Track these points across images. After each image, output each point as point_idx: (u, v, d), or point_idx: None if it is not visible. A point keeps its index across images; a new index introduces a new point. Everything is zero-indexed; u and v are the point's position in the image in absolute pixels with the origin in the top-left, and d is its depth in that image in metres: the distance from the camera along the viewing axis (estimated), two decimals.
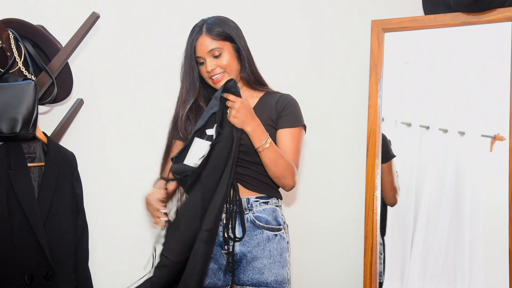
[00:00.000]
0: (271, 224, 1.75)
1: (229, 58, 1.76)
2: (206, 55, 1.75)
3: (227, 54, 1.76)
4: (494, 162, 2.22)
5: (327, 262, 2.50)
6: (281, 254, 1.74)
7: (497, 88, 2.21)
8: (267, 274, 1.71)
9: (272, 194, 1.79)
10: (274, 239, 1.74)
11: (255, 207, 1.75)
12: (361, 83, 2.45)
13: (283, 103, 1.80)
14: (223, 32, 1.76)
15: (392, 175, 2.35)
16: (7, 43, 1.94)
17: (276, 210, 1.79)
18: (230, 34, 1.77)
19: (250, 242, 1.73)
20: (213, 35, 1.74)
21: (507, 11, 2.17)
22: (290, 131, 1.77)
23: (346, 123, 2.50)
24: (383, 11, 2.43)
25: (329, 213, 2.50)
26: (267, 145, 1.65)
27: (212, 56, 1.75)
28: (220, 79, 1.77)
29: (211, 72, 1.76)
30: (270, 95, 1.85)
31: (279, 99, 1.81)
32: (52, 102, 2.04)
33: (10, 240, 1.81)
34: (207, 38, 1.74)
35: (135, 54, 2.36)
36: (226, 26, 1.78)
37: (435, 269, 2.29)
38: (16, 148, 1.89)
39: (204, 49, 1.75)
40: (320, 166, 2.51)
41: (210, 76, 1.77)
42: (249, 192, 1.76)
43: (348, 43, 2.51)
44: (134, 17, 2.37)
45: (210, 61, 1.75)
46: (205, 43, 1.74)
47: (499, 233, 2.14)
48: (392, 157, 2.35)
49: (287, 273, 1.75)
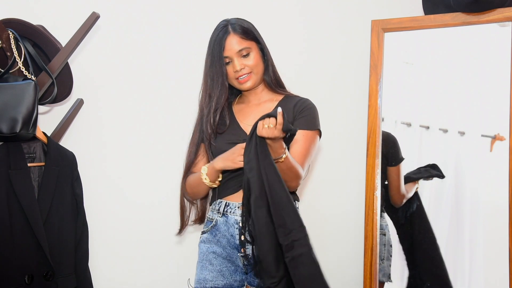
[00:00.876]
0: None
1: (256, 58, 1.77)
2: (234, 54, 1.75)
3: (254, 54, 1.76)
4: (494, 162, 2.22)
5: (327, 262, 2.49)
6: None
7: (497, 88, 2.21)
8: None
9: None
10: None
11: None
12: (361, 83, 2.45)
13: (301, 106, 1.79)
14: (250, 32, 1.77)
15: (399, 180, 2.33)
16: (7, 43, 1.94)
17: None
18: (255, 35, 1.78)
19: None
20: (242, 35, 1.74)
21: (507, 11, 2.17)
22: (304, 132, 1.75)
23: (346, 123, 2.50)
24: (383, 11, 2.43)
25: (329, 213, 2.50)
26: (281, 160, 1.62)
27: (241, 56, 1.75)
28: (247, 80, 1.78)
29: (239, 71, 1.75)
30: (289, 98, 1.84)
31: (298, 103, 1.80)
32: (52, 102, 2.04)
33: (10, 240, 1.81)
34: (236, 38, 1.74)
35: (135, 54, 2.36)
36: (251, 27, 1.80)
37: None
38: (16, 148, 1.88)
39: (234, 48, 1.74)
40: (320, 166, 2.51)
41: (236, 77, 1.77)
42: None
43: (348, 43, 2.51)
44: (134, 17, 2.37)
45: (238, 61, 1.75)
46: (234, 43, 1.74)
47: (499, 233, 2.13)
48: (401, 161, 2.34)
49: None
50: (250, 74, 1.78)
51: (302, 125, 1.75)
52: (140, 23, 2.38)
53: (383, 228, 2.31)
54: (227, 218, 1.78)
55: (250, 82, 1.79)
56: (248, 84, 1.79)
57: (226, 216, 1.78)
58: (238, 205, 1.77)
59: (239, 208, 1.76)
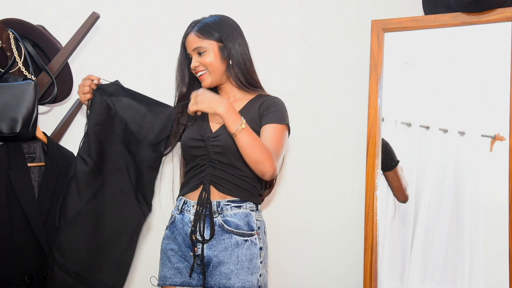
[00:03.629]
0: (242, 229, 1.72)
1: (212, 57, 1.78)
2: (192, 52, 1.80)
3: (211, 54, 1.78)
4: (494, 162, 2.22)
5: (327, 262, 2.50)
6: (251, 260, 1.71)
7: (497, 88, 2.21)
8: (234, 280, 1.68)
9: (247, 198, 1.76)
10: (243, 244, 1.71)
11: (225, 210, 1.73)
12: (361, 83, 2.45)
13: (268, 103, 1.79)
14: (211, 32, 1.78)
15: (399, 180, 2.33)
16: (7, 43, 1.94)
17: (250, 214, 1.75)
18: (219, 34, 1.79)
19: (217, 246, 1.72)
20: (200, 34, 1.78)
21: (507, 11, 2.17)
22: (273, 126, 1.74)
23: (346, 124, 2.50)
24: (383, 11, 2.43)
25: (329, 213, 2.50)
26: (243, 126, 1.61)
27: (197, 54, 1.79)
28: (203, 77, 1.81)
29: (194, 68, 1.81)
30: (260, 97, 1.83)
31: (265, 101, 1.80)
32: (52, 102, 2.04)
33: (10, 240, 1.81)
34: (194, 36, 1.80)
35: (135, 54, 2.36)
36: (219, 26, 1.80)
37: (435, 269, 2.29)
38: (16, 148, 1.89)
39: (190, 46, 1.81)
40: (320, 166, 2.51)
41: (195, 72, 1.82)
42: (220, 195, 1.75)
43: (348, 43, 2.51)
44: (134, 17, 2.37)
45: (195, 58, 1.80)
46: (192, 41, 1.80)
47: (499, 233, 2.13)
48: (397, 164, 2.34)
49: (258, 280, 1.72)
50: (206, 72, 1.81)
51: (270, 119, 1.75)
52: (140, 23, 2.38)
53: None
54: (183, 216, 1.79)
55: (207, 80, 1.81)
56: (206, 81, 1.82)
57: (183, 214, 1.80)
58: (193, 204, 1.77)
59: (194, 207, 1.76)
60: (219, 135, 1.76)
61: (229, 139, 1.68)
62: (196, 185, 1.78)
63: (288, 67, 2.52)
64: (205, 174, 1.76)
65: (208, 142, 1.77)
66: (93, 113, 1.76)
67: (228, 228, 1.72)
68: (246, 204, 1.76)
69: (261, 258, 1.74)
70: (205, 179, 1.76)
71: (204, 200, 1.73)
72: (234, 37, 1.81)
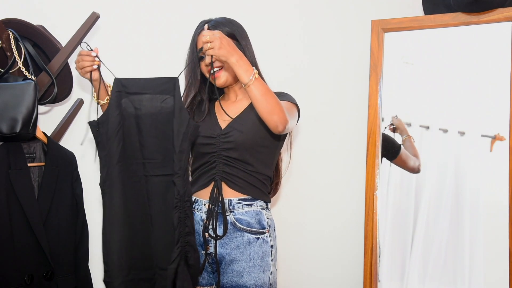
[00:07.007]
0: (254, 227, 1.73)
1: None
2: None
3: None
4: (494, 162, 2.22)
5: (327, 262, 2.50)
6: (263, 258, 1.72)
7: (497, 88, 2.21)
8: (246, 278, 1.69)
9: (258, 196, 1.77)
10: (255, 242, 1.72)
11: (237, 209, 1.73)
12: (361, 83, 2.45)
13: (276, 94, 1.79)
14: (225, 29, 1.77)
15: (408, 161, 2.32)
16: (7, 43, 1.94)
17: (261, 213, 1.76)
18: (232, 32, 1.78)
19: (230, 244, 1.72)
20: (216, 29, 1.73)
21: (507, 11, 2.17)
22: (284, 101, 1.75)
23: (346, 123, 2.50)
24: (383, 11, 2.43)
25: (329, 213, 2.50)
26: (256, 76, 1.59)
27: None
28: (219, 74, 1.78)
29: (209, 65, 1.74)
30: None
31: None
32: (52, 102, 2.05)
33: (10, 240, 1.81)
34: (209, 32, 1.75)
35: (135, 54, 2.36)
36: (230, 24, 1.80)
37: (435, 269, 2.29)
38: (16, 148, 1.89)
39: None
40: (320, 166, 2.51)
41: (208, 71, 1.77)
42: (232, 192, 1.75)
43: (348, 43, 2.51)
44: (134, 17, 2.37)
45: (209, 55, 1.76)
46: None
47: (499, 233, 2.13)
48: (400, 149, 2.32)
49: (269, 278, 1.73)
50: (221, 69, 1.78)
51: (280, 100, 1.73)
52: (140, 23, 2.38)
53: None
54: (194, 215, 1.77)
55: (222, 78, 1.79)
56: (221, 79, 1.79)
57: (193, 213, 1.78)
58: (205, 203, 1.77)
59: (205, 206, 1.76)
60: (229, 131, 1.76)
61: (240, 135, 1.71)
62: (207, 182, 1.77)
63: (288, 67, 2.52)
64: (216, 171, 1.76)
65: (219, 139, 1.76)
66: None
67: (240, 226, 1.72)
68: (257, 202, 1.77)
69: (272, 256, 1.76)
70: (216, 175, 1.75)
71: (216, 197, 1.73)
72: (243, 36, 1.82)
